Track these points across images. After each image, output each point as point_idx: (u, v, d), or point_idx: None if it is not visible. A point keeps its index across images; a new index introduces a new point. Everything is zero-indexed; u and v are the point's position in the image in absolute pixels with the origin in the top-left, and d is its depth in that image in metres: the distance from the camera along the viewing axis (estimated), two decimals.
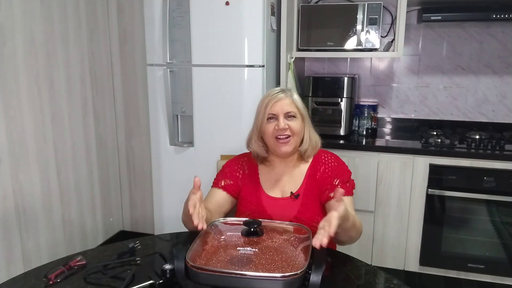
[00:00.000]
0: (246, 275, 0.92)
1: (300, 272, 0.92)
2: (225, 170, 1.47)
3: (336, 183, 1.35)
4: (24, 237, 2.06)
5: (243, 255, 1.00)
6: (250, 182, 1.42)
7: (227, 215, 1.44)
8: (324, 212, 1.36)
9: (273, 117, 1.35)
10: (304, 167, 1.41)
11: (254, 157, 1.44)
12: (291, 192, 1.37)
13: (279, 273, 0.92)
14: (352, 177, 1.42)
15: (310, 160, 1.42)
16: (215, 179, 1.47)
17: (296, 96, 1.38)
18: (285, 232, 1.13)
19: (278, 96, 1.35)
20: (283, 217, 1.33)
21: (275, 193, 1.40)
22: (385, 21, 2.53)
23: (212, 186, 1.45)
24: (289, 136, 1.34)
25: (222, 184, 1.43)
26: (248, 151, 1.49)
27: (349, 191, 1.36)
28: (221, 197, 1.41)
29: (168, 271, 1.00)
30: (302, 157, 1.41)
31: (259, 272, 0.93)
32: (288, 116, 1.34)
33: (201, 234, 1.10)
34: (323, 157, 1.42)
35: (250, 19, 2.01)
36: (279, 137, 1.34)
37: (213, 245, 1.06)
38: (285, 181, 1.40)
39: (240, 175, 1.44)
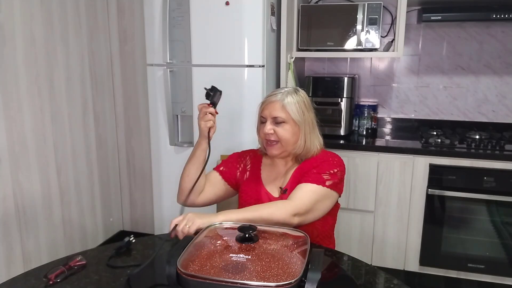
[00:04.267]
0: (238, 283, 0.89)
1: (294, 281, 0.88)
2: (228, 159, 1.51)
3: (313, 173, 1.31)
4: (24, 237, 2.06)
5: (237, 262, 0.97)
6: (251, 176, 1.45)
7: (221, 200, 1.49)
8: None
9: (264, 120, 1.35)
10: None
11: (260, 150, 1.47)
12: (280, 187, 1.39)
13: (274, 281, 0.89)
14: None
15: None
16: (218, 164, 1.51)
17: (289, 100, 1.31)
18: (282, 238, 1.10)
19: (271, 99, 1.33)
20: None
21: (273, 190, 1.41)
22: (385, 21, 2.53)
23: (213, 168, 1.49)
24: (275, 141, 1.33)
25: (221, 169, 1.47)
26: (253, 147, 1.53)
27: (321, 181, 1.29)
28: (216, 179, 1.45)
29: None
30: (297, 159, 1.40)
31: (253, 280, 0.90)
32: (276, 122, 1.32)
33: (196, 238, 1.08)
34: (318, 154, 1.40)
35: (250, 19, 2.01)
36: (266, 140, 1.35)
37: (208, 251, 1.03)
38: (285, 180, 1.41)
39: (240, 169, 1.47)
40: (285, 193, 1.37)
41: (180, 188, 1.40)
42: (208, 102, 1.36)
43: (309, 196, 1.27)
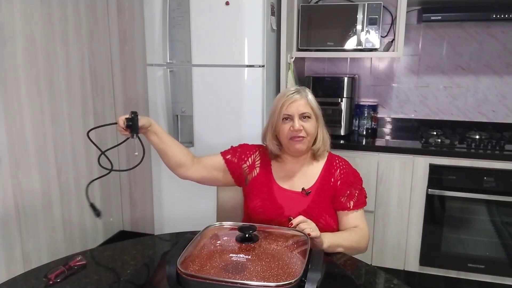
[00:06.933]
0: (238, 283, 0.89)
1: (294, 281, 0.88)
2: (238, 148, 1.52)
3: (356, 195, 1.39)
4: (24, 237, 2.06)
5: (237, 262, 0.97)
6: (262, 172, 1.46)
7: (216, 182, 1.52)
8: (332, 212, 1.40)
9: (289, 117, 1.37)
10: (318, 167, 1.43)
11: (269, 152, 1.48)
12: (303, 188, 1.39)
13: (274, 281, 0.89)
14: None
15: (324, 161, 1.45)
16: (226, 149, 1.52)
17: (310, 96, 1.40)
18: (282, 238, 1.10)
19: (293, 97, 1.37)
20: (292, 209, 1.36)
21: (285, 185, 1.43)
22: (385, 21, 2.53)
23: (220, 152, 1.51)
24: (303, 137, 1.36)
25: (228, 157, 1.49)
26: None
27: (362, 202, 1.40)
28: (219, 163, 1.49)
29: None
30: (314, 156, 1.44)
31: (253, 280, 0.90)
32: (303, 117, 1.37)
33: (196, 238, 1.08)
34: (337, 161, 1.45)
35: (250, 19, 2.01)
36: (293, 137, 1.37)
37: (208, 251, 1.03)
38: (296, 177, 1.43)
39: (248, 163, 1.48)
40: (307, 194, 1.38)
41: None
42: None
43: (365, 220, 1.41)
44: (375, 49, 2.31)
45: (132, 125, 1.36)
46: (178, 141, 1.51)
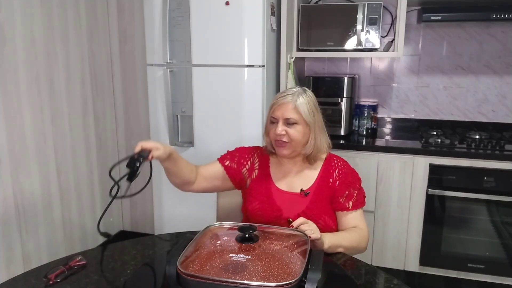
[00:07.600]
0: (238, 283, 0.89)
1: (294, 281, 0.89)
2: (235, 153, 1.50)
3: (355, 195, 1.38)
4: (24, 237, 2.06)
5: (237, 262, 0.97)
6: (260, 174, 1.45)
7: (219, 190, 1.53)
8: (331, 213, 1.39)
9: (275, 121, 1.36)
10: (316, 168, 1.42)
11: (265, 148, 1.47)
12: (301, 189, 1.39)
13: (274, 281, 0.89)
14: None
15: (322, 161, 1.43)
16: (223, 155, 1.50)
17: (301, 101, 1.33)
18: (282, 238, 1.10)
19: (283, 100, 1.34)
20: (291, 210, 1.36)
21: (283, 187, 1.42)
22: (385, 21, 2.53)
23: (217, 159, 1.49)
24: (286, 142, 1.34)
25: (226, 164, 1.46)
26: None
27: (361, 202, 1.39)
28: (218, 171, 1.46)
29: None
30: (308, 159, 1.41)
31: (253, 280, 0.90)
32: (288, 123, 1.33)
33: (196, 238, 1.08)
34: (336, 161, 1.44)
35: (250, 19, 2.01)
36: (277, 140, 1.35)
37: (208, 251, 1.03)
38: (294, 178, 1.42)
39: (247, 166, 1.47)
40: (306, 195, 1.38)
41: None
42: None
43: (364, 220, 1.41)
44: (375, 49, 2.31)
45: (131, 170, 1.23)
46: (187, 161, 1.44)
